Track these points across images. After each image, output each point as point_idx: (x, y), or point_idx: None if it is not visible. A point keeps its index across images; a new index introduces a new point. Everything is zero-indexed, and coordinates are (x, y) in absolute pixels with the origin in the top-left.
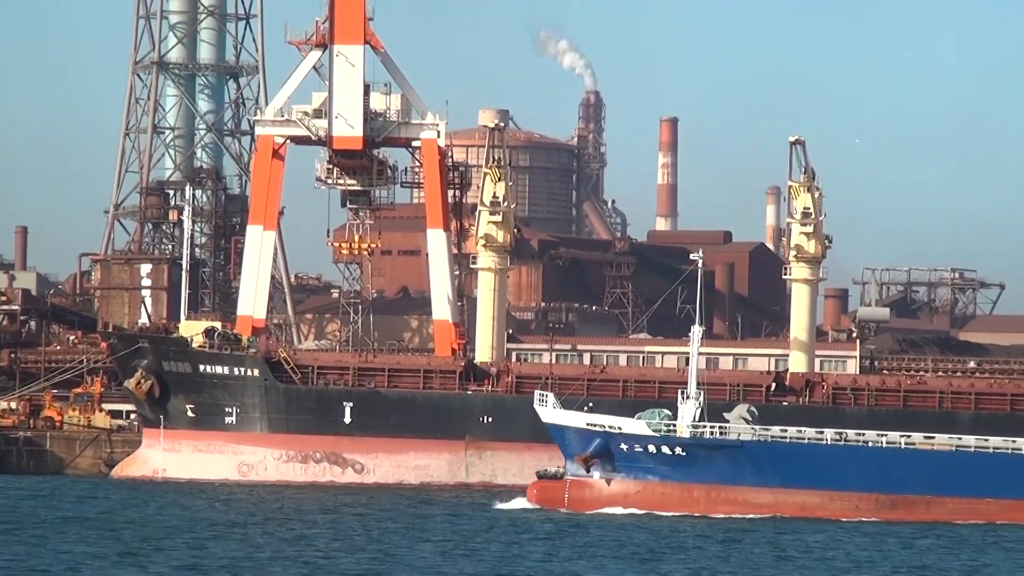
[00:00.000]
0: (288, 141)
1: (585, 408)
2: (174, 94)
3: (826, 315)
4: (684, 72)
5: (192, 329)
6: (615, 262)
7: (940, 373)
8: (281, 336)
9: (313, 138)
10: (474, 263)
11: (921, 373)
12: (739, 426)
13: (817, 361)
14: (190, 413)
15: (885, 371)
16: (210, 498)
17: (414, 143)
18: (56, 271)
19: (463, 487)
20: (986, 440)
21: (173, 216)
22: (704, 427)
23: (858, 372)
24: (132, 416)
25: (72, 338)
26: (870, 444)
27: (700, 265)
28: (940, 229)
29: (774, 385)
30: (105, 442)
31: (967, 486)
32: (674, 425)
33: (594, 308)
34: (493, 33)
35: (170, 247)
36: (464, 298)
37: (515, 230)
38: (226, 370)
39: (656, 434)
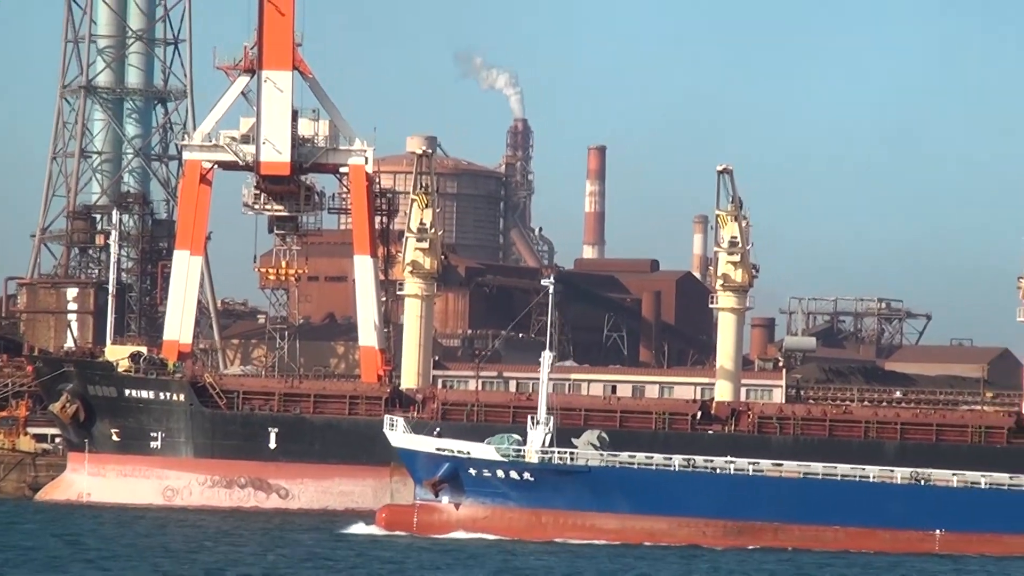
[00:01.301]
0: (215, 166)
1: (434, 432)
2: (102, 118)
3: (752, 344)
4: (612, 101)
5: (118, 353)
6: (542, 290)
7: (866, 403)
8: (207, 361)
9: (240, 163)
10: (401, 290)
11: (847, 403)
12: (587, 452)
13: (743, 390)
14: (115, 437)
15: (811, 400)
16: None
17: (342, 169)
18: None
19: None
20: (834, 467)
21: (100, 240)
22: (553, 452)
23: (784, 401)
24: (57, 440)
25: None
26: (718, 471)
27: (552, 291)
28: (867, 259)
29: (700, 414)
30: (30, 466)
31: (815, 513)
32: (523, 450)
33: (520, 335)
34: (421, 60)
35: (96, 271)
36: (391, 324)
37: (442, 257)
38: (152, 395)
39: (504, 459)
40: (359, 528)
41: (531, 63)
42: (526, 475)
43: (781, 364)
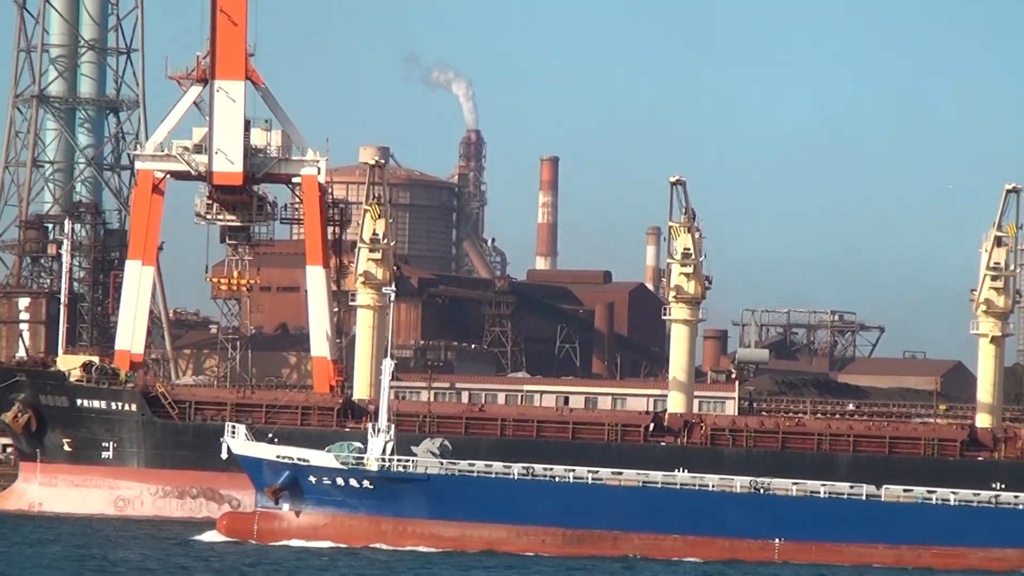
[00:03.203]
0: (168, 176)
1: (274, 440)
2: (54, 128)
3: (705, 356)
4: (565, 112)
5: (70, 363)
6: (494, 301)
7: (819, 415)
8: (159, 371)
9: (193, 173)
10: (353, 300)
11: (800, 415)
12: (427, 459)
13: (696, 402)
14: (67, 447)
15: (764, 412)
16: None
17: (294, 179)
18: None
19: None
20: (673, 476)
21: (52, 250)
22: (392, 460)
23: (737, 413)
24: (9, 449)
25: None
26: (557, 479)
27: (392, 299)
28: (820, 271)
29: (652, 425)
30: None
31: (653, 522)
32: (363, 458)
33: (473, 347)
34: (374, 71)
35: (48, 281)
36: (343, 335)
37: (395, 268)
38: (103, 404)
39: (344, 467)
40: (205, 536)
41: (484, 74)
42: (365, 483)
43: (734, 376)
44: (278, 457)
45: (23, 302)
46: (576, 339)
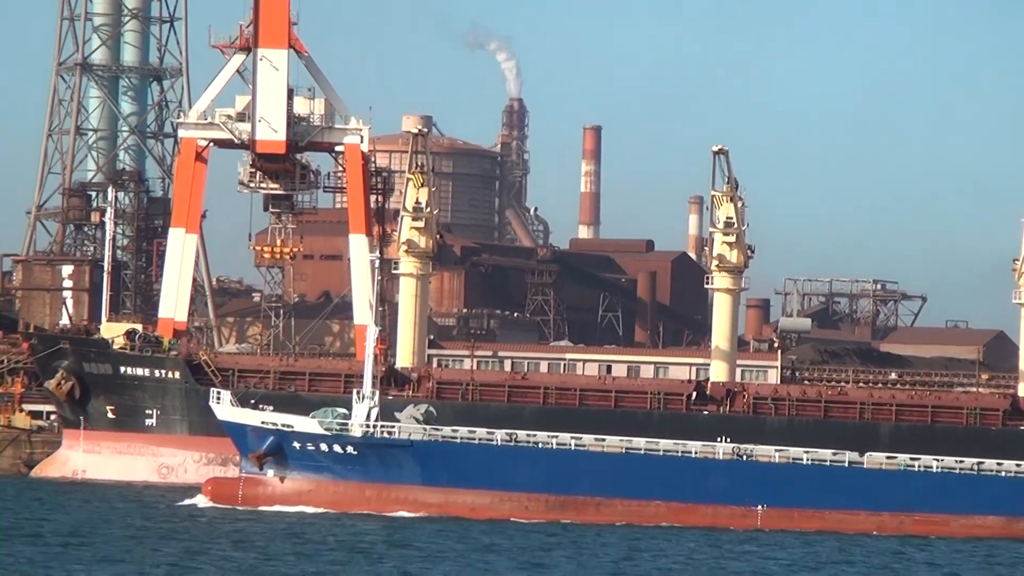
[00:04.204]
0: (211, 144)
1: (260, 406)
2: (97, 96)
3: (748, 325)
4: (607, 80)
5: (113, 331)
6: (537, 269)
7: (861, 384)
8: (202, 339)
9: (236, 141)
10: (396, 268)
11: (842, 384)
12: (410, 426)
13: (738, 371)
14: (110, 414)
15: (806, 381)
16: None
17: (337, 148)
18: None
19: None
20: (656, 443)
21: (95, 218)
22: (376, 426)
23: (779, 382)
24: (52, 417)
25: None
26: (540, 445)
27: (376, 263)
28: (862, 240)
29: (695, 394)
30: (25, 442)
31: (637, 488)
32: (347, 424)
33: (516, 315)
34: (417, 40)
35: (92, 248)
36: (386, 303)
37: (437, 236)
38: (147, 372)
39: (328, 433)
40: (191, 500)
41: (527, 43)
42: (349, 449)
43: (776, 345)
44: (262, 423)
45: (67, 270)
46: (619, 308)
